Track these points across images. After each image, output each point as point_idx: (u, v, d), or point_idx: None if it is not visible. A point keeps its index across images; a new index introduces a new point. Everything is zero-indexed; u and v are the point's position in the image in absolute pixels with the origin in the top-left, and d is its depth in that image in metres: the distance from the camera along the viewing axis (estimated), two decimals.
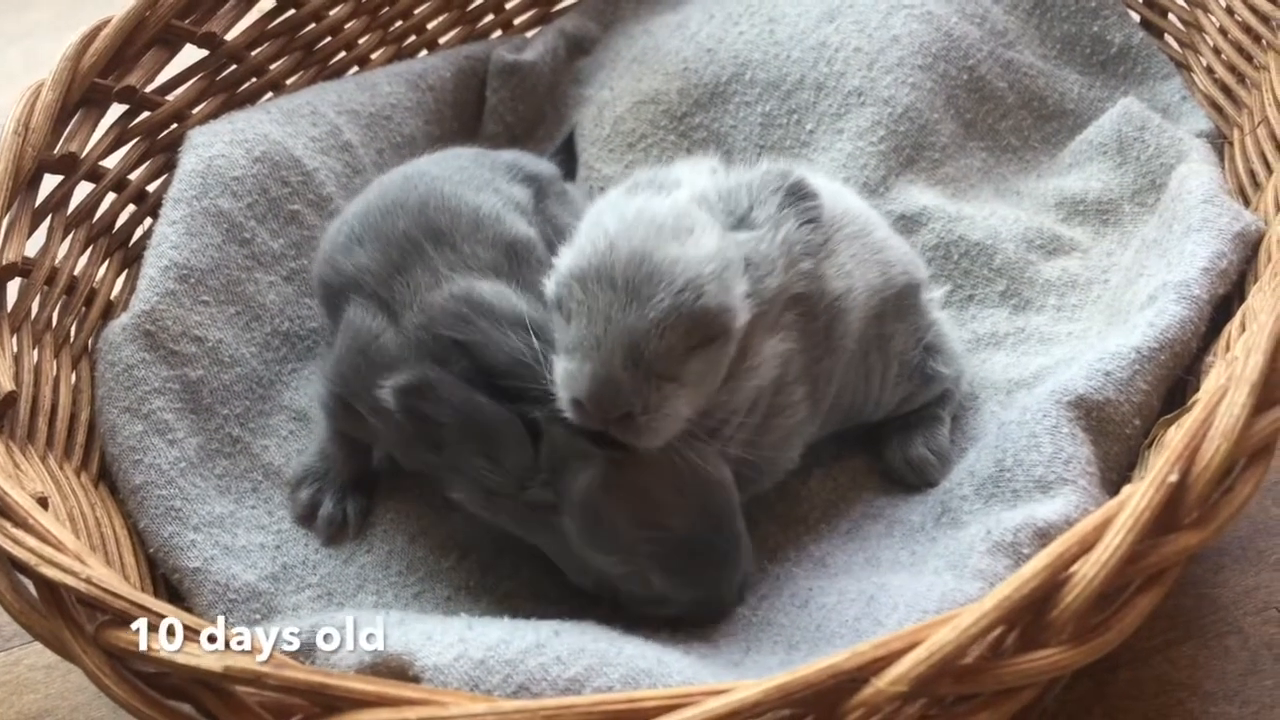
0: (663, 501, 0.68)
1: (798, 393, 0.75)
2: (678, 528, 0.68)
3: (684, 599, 0.71)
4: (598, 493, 0.68)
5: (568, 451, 0.69)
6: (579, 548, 0.70)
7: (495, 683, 0.59)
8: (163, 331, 0.83)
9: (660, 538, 0.68)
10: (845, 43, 1.03)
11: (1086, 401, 0.73)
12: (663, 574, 0.69)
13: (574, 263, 0.67)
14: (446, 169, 0.84)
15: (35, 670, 0.82)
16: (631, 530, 0.68)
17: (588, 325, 0.65)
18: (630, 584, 0.70)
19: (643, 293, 0.64)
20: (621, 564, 0.69)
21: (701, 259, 0.66)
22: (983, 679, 0.49)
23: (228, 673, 0.50)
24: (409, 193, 0.80)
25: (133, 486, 0.78)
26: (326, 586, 0.78)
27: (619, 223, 0.68)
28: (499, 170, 0.87)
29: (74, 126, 0.85)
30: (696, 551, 0.69)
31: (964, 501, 0.75)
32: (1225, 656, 0.74)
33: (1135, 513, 0.51)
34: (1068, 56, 1.08)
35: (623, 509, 0.68)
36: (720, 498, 0.70)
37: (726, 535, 0.70)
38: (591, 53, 1.17)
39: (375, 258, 0.77)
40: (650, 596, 0.70)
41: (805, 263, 0.73)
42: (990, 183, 1.02)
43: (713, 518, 0.70)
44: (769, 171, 0.75)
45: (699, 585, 0.70)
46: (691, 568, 0.69)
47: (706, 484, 0.69)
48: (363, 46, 1.10)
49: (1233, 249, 0.79)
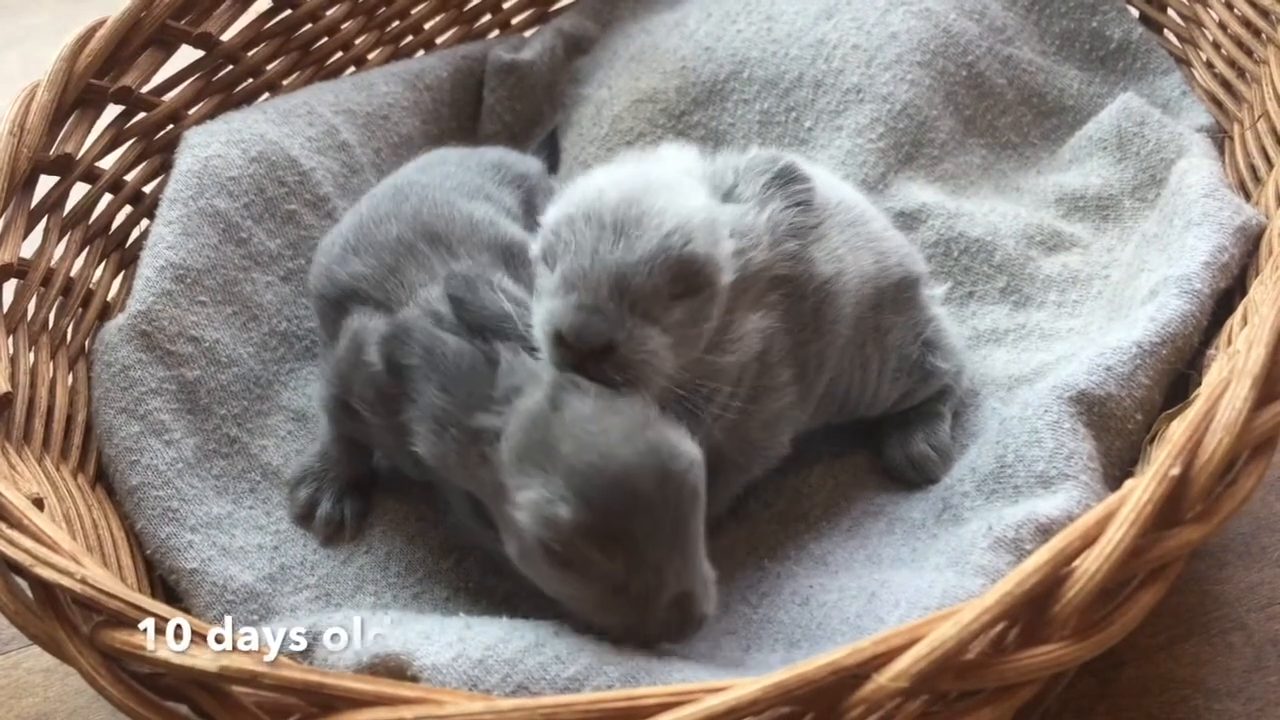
0: (611, 431, 0.60)
1: (784, 374, 0.75)
2: (615, 463, 0.59)
3: (594, 560, 0.60)
4: (544, 408, 0.62)
5: (523, 377, 0.65)
6: (508, 474, 0.63)
7: (494, 682, 0.58)
8: (159, 332, 0.83)
9: (592, 465, 0.59)
10: (843, 40, 1.03)
11: (1088, 396, 0.73)
12: (579, 507, 0.59)
13: (559, 211, 0.68)
14: (435, 176, 0.84)
15: (34, 673, 0.82)
16: (564, 448, 0.60)
17: (573, 260, 0.65)
18: (540, 525, 0.60)
19: (631, 232, 0.65)
20: (540, 488, 0.60)
21: (691, 209, 0.67)
22: (984, 675, 0.49)
23: (224, 673, 0.50)
24: (401, 203, 0.81)
25: (129, 487, 0.78)
26: (324, 587, 0.78)
27: (607, 179, 0.69)
28: (487, 173, 0.88)
29: (70, 127, 0.85)
30: (626, 497, 0.59)
31: (965, 498, 0.75)
32: (1229, 653, 0.74)
33: (1137, 507, 0.51)
34: (1067, 52, 1.08)
35: (564, 428, 0.61)
36: (677, 467, 0.61)
37: (669, 508, 0.60)
38: (589, 52, 1.17)
39: (371, 265, 0.77)
40: (560, 554, 0.60)
41: (790, 244, 0.73)
42: (990, 179, 1.02)
43: (661, 478, 0.60)
44: (757, 156, 0.75)
45: (614, 545, 0.60)
46: (612, 514, 0.59)
47: (669, 444, 0.61)
48: (359, 47, 1.10)
49: (1234, 243, 0.78)
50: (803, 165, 0.76)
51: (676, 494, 0.61)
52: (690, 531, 0.62)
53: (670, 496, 0.60)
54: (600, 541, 0.59)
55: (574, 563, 0.61)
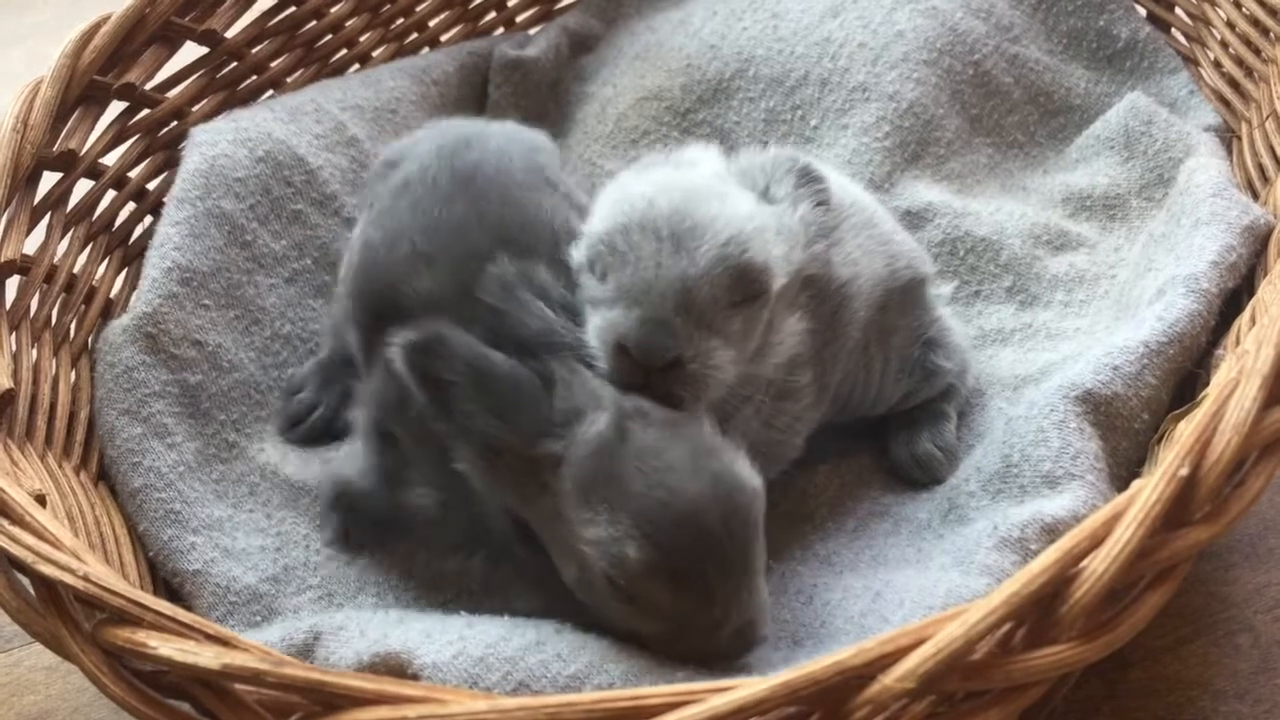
0: (676, 465, 0.60)
1: (807, 375, 0.74)
2: (682, 500, 0.59)
3: (661, 600, 0.60)
4: (609, 437, 0.61)
5: (583, 399, 0.62)
6: (571, 507, 0.62)
7: (495, 680, 0.58)
8: (164, 335, 0.82)
9: (660, 503, 0.59)
10: (849, 38, 1.02)
11: (1094, 396, 0.72)
12: (646, 548, 0.58)
13: (612, 221, 0.66)
14: (494, 157, 0.78)
15: (36, 671, 0.82)
16: (632, 485, 0.59)
17: (634, 273, 0.64)
18: (607, 562, 0.60)
19: (688, 243, 0.64)
20: (607, 525, 0.59)
21: (742, 216, 0.66)
22: (991, 675, 0.49)
23: (226, 670, 0.50)
24: (474, 199, 0.74)
25: (132, 489, 0.78)
26: (327, 588, 0.78)
27: (653, 186, 0.67)
28: (539, 154, 0.82)
29: (73, 123, 0.85)
30: (693, 537, 0.59)
31: (971, 498, 0.74)
32: (1236, 655, 0.74)
33: (1145, 507, 0.50)
34: (1074, 51, 1.07)
35: (629, 461, 0.60)
36: (742, 500, 0.60)
37: (736, 543, 0.60)
38: (594, 49, 1.17)
39: (445, 284, 0.71)
40: (625, 589, 0.60)
41: (818, 245, 0.73)
42: (996, 178, 1.02)
43: (727, 513, 0.59)
44: (779, 154, 0.75)
45: (682, 584, 0.59)
46: (680, 553, 0.59)
47: (733, 476, 0.61)
48: (364, 44, 1.10)
49: (1242, 242, 0.78)
50: (817, 165, 0.75)
51: (742, 528, 0.60)
52: (754, 562, 0.61)
53: (736, 531, 0.60)
54: (668, 582, 0.59)
55: (639, 599, 0.60)
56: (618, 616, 0.62)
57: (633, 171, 0.74)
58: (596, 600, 0.63)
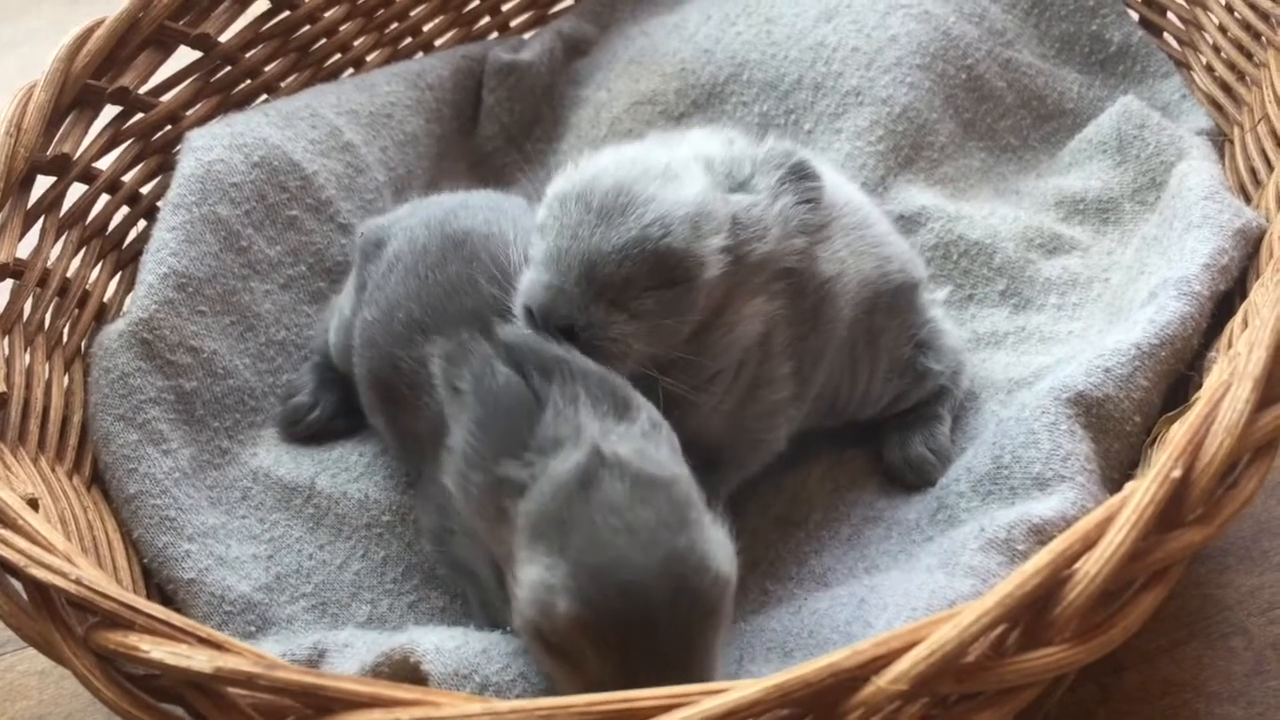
0: (637, 529, 0.55)
1: (784, 366, 0.74)
2: (629, 568, 0.54)
3: (586, 663, 0.55)
4: (575, 482, 0.57)
5: (566, 431, 0.59)
6: (521, 541, 0.58)
7: (494, 670, 0.60)
8: (160, 341, 0.82)
9: (606, 564, 0.54)
10: (843, 42, 1.02)
11: (1086, 398, 0.72)
12: (577, 604, 0.54)
13: (560, 186, 0.69)
14: (494, 225, 0.78)
15: (28, 676, 0.81)
16: (581, 537, 0.56)
17: (555, 240, 0.66)
18: (536, 609, 0.56)
19: (613, 219, 0.66)
20: (545, 570, 0.56)
21: (678, 201, 0.67)
22: (984, 677, 0.49)
23: (218, 674, 0.50)
24: (472, 261, 0.74)
25: (127, 495, 0.78)
26: (321, 596, 0.78)
27: (611, 159, 0.70)
28: (527, 216, 0.80)
29: (67, 128, 0.85)
30: (630, 609, 0.54)
31: (960, 499, 0.74)
32: (1230, 657, 0.74)
33: (1138, 509, 0.50)
34: (1066, 55, 1.08)
35: (589, 511, 0.56)
36: (697, 583, 0.55)
37: (677, 627, 0.55)
38: (589, 54, 1.17)
39: (444, 346, 0.69)
40: (552, 643, 0.56)
41: (798, 240, 0.73)
42: (989, 182, 1.02)
43: (675, 592, 0.54)
44: (774, 148, 0.75)
45: (609, 650, 0.55)
46: (611, 620, 0.54)
47: (696, 555, 0.56)
48: (358, 48, 1.09)
49: (1234, 245, 0.78)
50: (814, 163, 0.76)
51: (688, 612, 0.55)
52: (697, 653, 0.56)
53: (681, 615, 0.55)
54: (595, 643, 0.55)
55: (569, 655, 0.56)
56: (545, 669, 0.59)
57: (616, 147, 0.75)
58: (530, 649, 0.60)
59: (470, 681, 0.60)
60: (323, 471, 0.83)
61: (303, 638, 0.71)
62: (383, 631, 0.72)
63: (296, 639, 0.71)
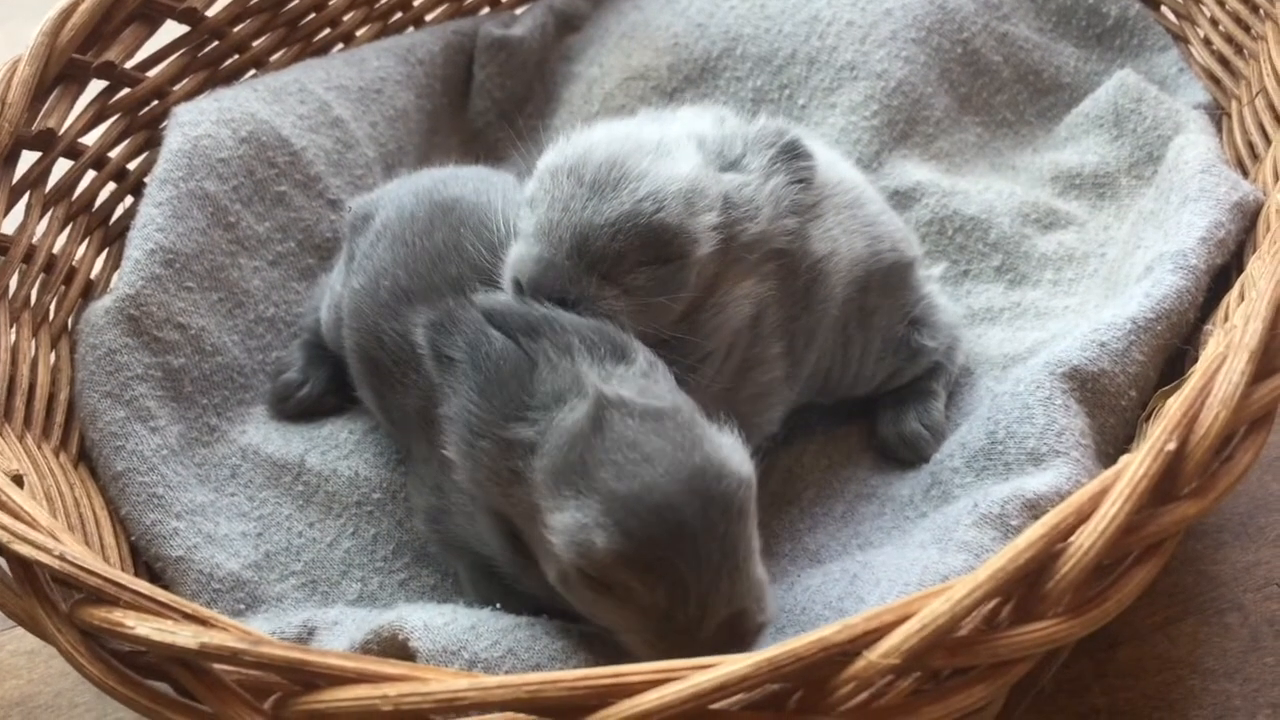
0: (654, 457, 0.57)
1: (775, 347, 0.74)
2: (656, 493, 0.56)
3: (634, 591, 0.57)
4: (585, 427, 0.58)
5: (564, 383, 0.60)
6: (543, 498, 0.59)
7: (483, 646, 0.60)
8: (147, 317, 0.81)
9: (633, 494, 0.56)
10: (837, 16, 1.01)
11: (1081, 373, 0.72)
12: (615, 535, 0.55)
13: (551, 159, 0.68)
14: (483, 194, 0.77)
15: (17, 656, 0.81)
16: (604, 476, 0.57)
17: (546, 213, 0.66)
18: (574, 551, 0.57)
19: (605, 192, 0.65)
20: (574, 512, 0.57)
21: (672, 176, 0.67)
22: (977, 651, 0.48)
23: (204, 650, 0.49)
24: (459, 228, 0.74)
25: (114, 473, 0.77)
26: (310, 574, 0.77)
27: (603, 134, 0.69)
28: (517, 190, 0.80)
29: (52, 102, 0.83)
30: (666, 529, 0.56)
31: (955, 474, 0.74)
32: (1226, 634, 0.73)
33: (1133, 482, 0.50)
34: (1063, 29, 1.07)
35: (604, 452, 0.57)
36: (723, 489, 0.57)
37: (714, 533, 0.56)
38: (581, 29, 1.16)
39: (428, 315, 0.69)
40: (597, 579, 0.58)
41: (789, 220, 0.72)
42: (985, 157, 1.01)
43: (706, 503, 0.56)
44: (765, 127, 0.75)
45: (655, 575, 0.56)
46: (651, 544, 0.56)
47: (716, 466, 0.57)
48: (348, 24, 1.08)
49: (1231, 219, 0.77)
50: (806, 142, 0.75)
51: (723, 518, 0.57)
52: (739, 552, 0.58)
53: (716, 522, 0.56)
54: (640, 571, 0.56)
55: (613, 589, 0.57)
56: (596, 613, 0.60)
57: (608, 122, 0.75)
58: (576, 597, 0.60)
59: (458, 658, 0.60)
60: (313, 449, 0.82)
61: (292, 615, 0.71)
62: (373, 609, 0.72)
63: (286, 617, 0.71)
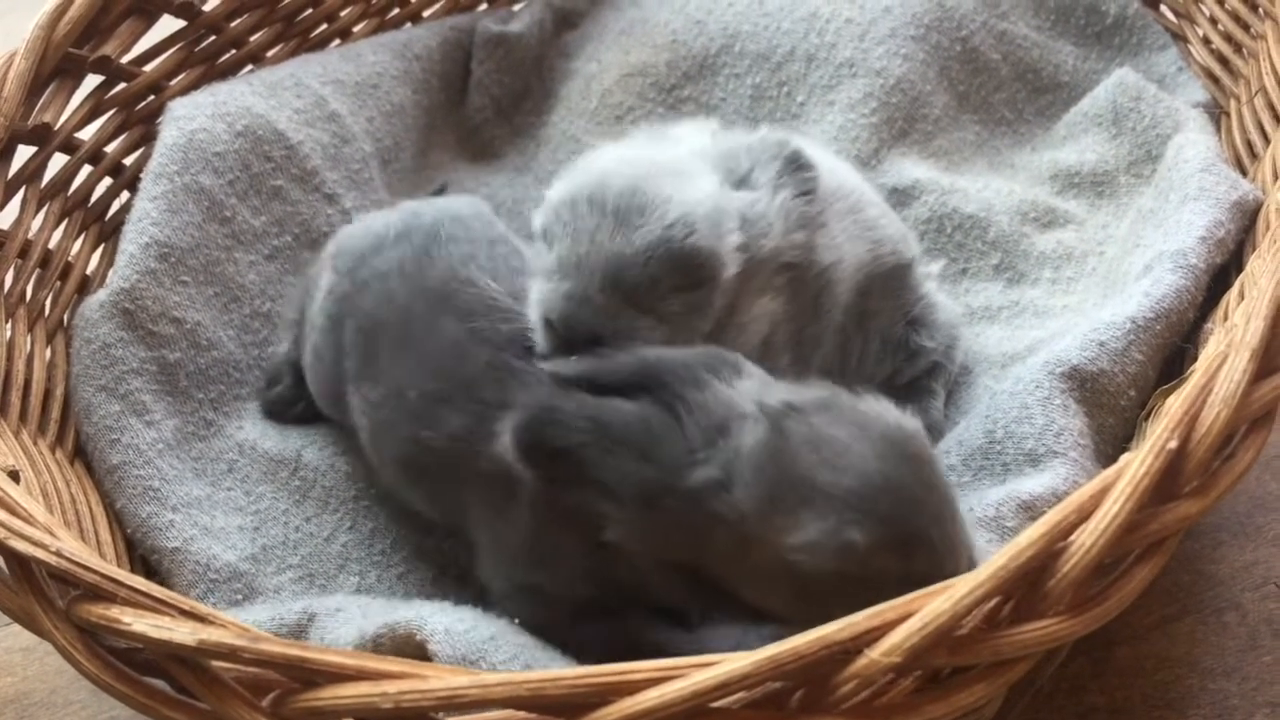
0: (850, 443, 0.57)
1: (784, 359, 0.74)
2: (875, 473, 0.56)
3: (898, 572, 0.56)
4: (774, 442, 0.58)
5: (721, 413, 0.59)
6: (761, 525, 0.58)
7: (502, 659, 0.60)
8: (142, 311, 0.81)
9: (857, 482, 0.56)
10: (836, 13, 1.01)
11: (1080, 372, 0.72)
12: (869, 525, 0.56)
13: (565, 190, 0.66)
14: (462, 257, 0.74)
15: (13, 653, 0.81)
16: (821, 477, 0.57)
17: (570, 246, 0.64)
18: (831, 556, 0.56)
19: (632, 221, 0.63)
20: (816, 521, 0.56)
21: (697, 199, 0.65)
22: (978, 650, 0.48)
23: (202, 647, 0.49)
24: (459, 323, 0.71)
25: (110, 466, 0.77)
26: (308, 567, 0.77)
27: (615, 160, 0.67)
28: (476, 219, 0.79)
29: (48, 97, 0.83)
30: (903, 502, 0.57)
31: (951, 472, 0.73)
32: (1224, 633, 0.73)
33: (1134, 480, 0.50)
34: (1062, 28, 1.07)
35: (805, 456, 0.57)
36: (916, 448, 0.58)
37: (935, 490, 0.58)
38: (579, 26, 1.15)
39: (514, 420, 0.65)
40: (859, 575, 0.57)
41: (799, 234, 0.72)
42: (984, 155, 1.01)
43: (915, 466, 0.58)
44: (767, 138, 0.74)
45: (908, 547, 0.57)
46: (899, 520, 0.56)
47: (897, 430, 0.59)
48: (344, 19, 1.08)
49: (1230, 218, 0.77)
50: (807, 151, 0.75)
51: (931, 470, 0.59)
52: (952, 496, 0.60)
53: (926, 478, 0.58)
54: (898, 548, 0.56)
55: (870, 578, 0.56)
56: (846, 609, 0.55)
57: (612, 146, 0.73)
58: (813, 608, 0.57)
59: (476, 667, 0.59)
60: (309, 445, 0.82)
61: (292, 604, 0.70)
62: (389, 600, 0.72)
63: (285, 605, 0.70)
